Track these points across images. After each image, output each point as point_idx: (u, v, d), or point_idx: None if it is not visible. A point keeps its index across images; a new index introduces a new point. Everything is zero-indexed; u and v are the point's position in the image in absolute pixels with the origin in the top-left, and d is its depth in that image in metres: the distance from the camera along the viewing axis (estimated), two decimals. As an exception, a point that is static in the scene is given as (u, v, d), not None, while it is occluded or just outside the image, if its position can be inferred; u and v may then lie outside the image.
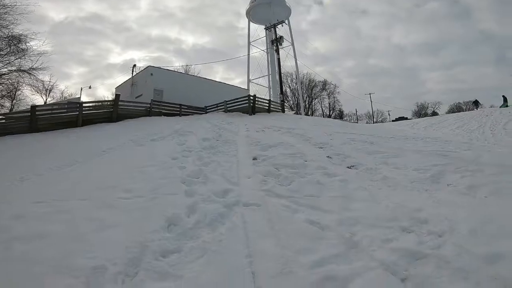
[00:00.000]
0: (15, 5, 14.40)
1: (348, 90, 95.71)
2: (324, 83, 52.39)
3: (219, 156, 6.13)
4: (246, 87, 31.86)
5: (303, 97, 44.26)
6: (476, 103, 33.73)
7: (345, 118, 52.81)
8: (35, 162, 6.45)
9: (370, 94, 49.75)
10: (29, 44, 15.83)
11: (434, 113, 50.67)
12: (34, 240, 2.89)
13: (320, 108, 53.78)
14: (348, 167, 5.39)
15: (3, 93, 17.47)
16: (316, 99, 53.17)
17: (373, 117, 53.58)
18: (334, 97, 53.98)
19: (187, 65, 41.30)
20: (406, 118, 41.17)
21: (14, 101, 21.32)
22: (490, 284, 2.05)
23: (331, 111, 54.11)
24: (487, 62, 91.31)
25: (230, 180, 4.59)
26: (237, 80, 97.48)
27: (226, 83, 26.47)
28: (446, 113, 45.10)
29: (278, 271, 2.40)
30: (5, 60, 15.32)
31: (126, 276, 2.39)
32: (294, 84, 48.17)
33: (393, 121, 41.94)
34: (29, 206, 3.75)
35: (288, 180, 4.55)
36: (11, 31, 14.73)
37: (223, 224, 3.25)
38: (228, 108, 16.83)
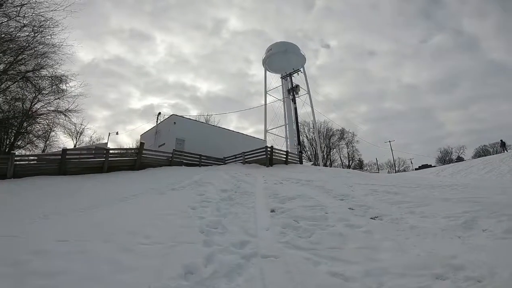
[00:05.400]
0: (61, 44, 14.64)
1: (365, 137, 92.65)
2: (342, 132, 51.46)
3: (237, 208, 6.06)
4: (262, 137, 32.10)
5: (321, 147, 43.77)
6: (503, 145, 32.12)
7: (366, 168, 51.28)
8: (62, 202, 6.72)
9: (390, 142, 47.99)
10: (68, 85, 16.19)
11: (460, 159, 48.52)
12: (52, 276, 2.87)
13: (339, 158, 52.33)
14: (371, 218, 5.20)
15: (39, 133, 17.55)
16: (335, 149, 52.33)
17: (395, 166, 51.67)
18: (353, 146, 52.72)
19: (207, 114, 42.81)
20: (430, 166, 39.63)
21: (47, 142, 21.09)
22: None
23: (350, 161, 52.84)
24: (504, 96, 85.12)
25: (248, 232, 4.49)
26: (251, 129, 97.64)
27: (243, 133, 27.00)
28: (473, 157, 43.15)
29: None
30: (46, 99, 15.92)
31: None
32: (312, 134, 48.00)
33: (416, 169, 40.42)
34: (51, 243, 3.81)
35: (308, 232, 4.39)
36: (55, 71, 15.23)
37: (241, 275, 3.11)
38: (246, 160, 17.05)
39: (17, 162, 10.51)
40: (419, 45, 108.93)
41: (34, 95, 15.47)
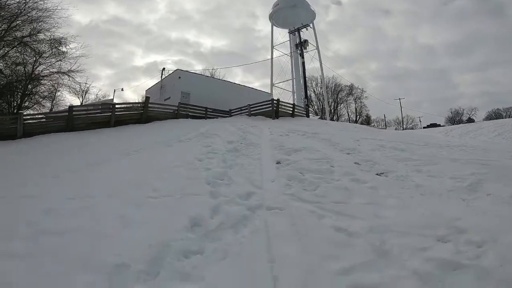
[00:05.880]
0: (56, 9, 15.10)
1: (374, 93, 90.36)
2: (351, 87, 50.21)
3: (243, 159, 6.10)
4: (268, 91, 31.54)
5: (328, 102, 43.00)
6: None
7: (373, 124, 50.77)
8: (69, 159, 6.84)
9: (400, 99, 47.05)
10: (68, 47, 16.89)
11: (470, 120, 47.49)
12: (63, 235, 2.98)
13: (346, 113, 51.82)
14: (377, 174, 5.17)
15: (45, 94, 18.55)
16: (342, 104, 51.50)
17: (403, 123, 51.09)
18: (361, 102, 51.83)
19: (212, 69, 41.67)
20: (439, 125, 38.99)
21: (54, 102, 22.30)
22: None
23: (358, 117, 52.34)
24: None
25: (253, 183, 4.54)
26: (256, 83, 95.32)
27: (250, 86, 26.50)
28: (484, 120, 42.21)
29: (301, 278, 2.31)
30: (47, 62, 16.57)
31: (148, 275, 2.38)
32: (319, 89, 46.93)
33: (424, 128, 39.90)
34: (60, 201, 3.92)
35: (313, 185, 4.41)
36: (53, 34, 15.69)
37: (246, 226, 3.19)
38: (252, 112, 16.88)
39: (26, 122, 10.69)
40: (439, 7, 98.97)
41: (34, 59, 16.02)
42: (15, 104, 17.05)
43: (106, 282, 2.27)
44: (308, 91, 25.97)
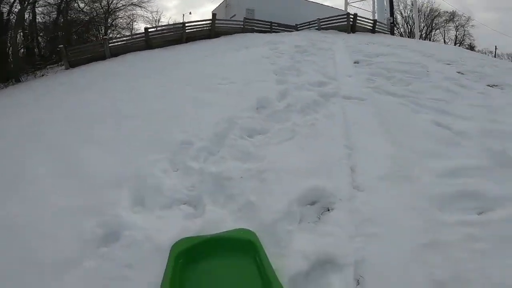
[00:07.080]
0: None
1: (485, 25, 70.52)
2: (452, 14, 40.01)
3: (313, 57, 5.31)
4: (342, 10, 27.31)
5: (419, 26, 35.68)
6: None
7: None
8: (154, 66, 7.37)
9: None
10: None
11: None
12: (142, 118, 3.09)
13: (443, 40, 42.64)
14: (488, 86, 3.92)
15: (123, 25, 21.72)
16: (438, 30, 42.01)
17: (523, 56, 40.14)
18: (464, 30, 41.43)
19: None
20: None
21: (132, 32, 25.06)
22: None
23: (458, 44, 42.93)
24: None
25: (326, 75, 3.87)
26: (327, 2, 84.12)
27: (320, 3, 23.21)
28: None
29: (389, 172, 1.78)
30: None
31: (209, 153, 2.21)
32: (408, 12, 38.80)
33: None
34: (148, 91, 4.31)
35: (404, 82, 3.52)
36: None
37: (317, 112, 2.69)
38: (322, 26, 14.83)
39: (111, 45, 12.55)
40: None
41: (106, -6, 17.82)
42: (101, 37, 20.20)
43: (167, 160, 2.15)
44: (394, 14, 21.61)
